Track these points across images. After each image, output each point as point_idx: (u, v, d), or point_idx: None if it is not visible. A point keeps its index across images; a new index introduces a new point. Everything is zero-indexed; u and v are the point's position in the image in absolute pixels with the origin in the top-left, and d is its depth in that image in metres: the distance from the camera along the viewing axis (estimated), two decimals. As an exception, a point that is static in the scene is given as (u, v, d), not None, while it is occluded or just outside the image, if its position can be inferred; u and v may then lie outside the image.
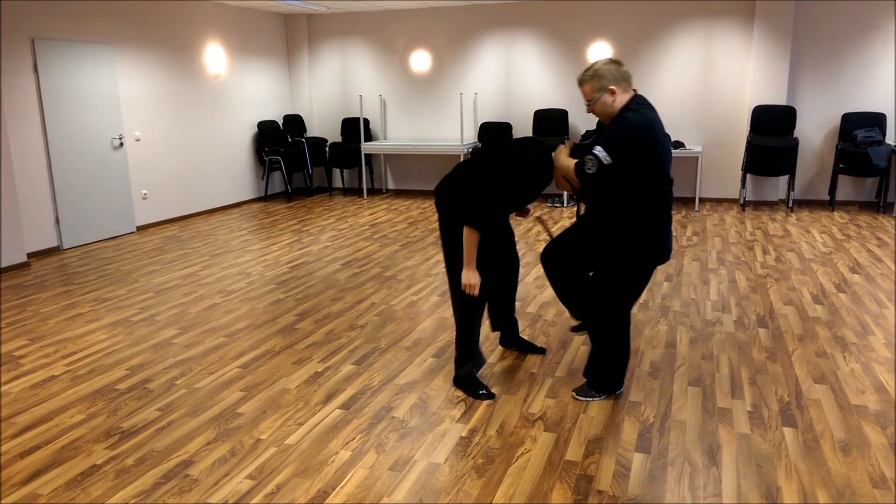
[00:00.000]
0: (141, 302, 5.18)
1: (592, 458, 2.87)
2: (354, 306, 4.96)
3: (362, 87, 10.30)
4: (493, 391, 3.50)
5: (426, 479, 2.75)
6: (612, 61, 3.02)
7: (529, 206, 3.61)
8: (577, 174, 3.00)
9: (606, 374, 3.36)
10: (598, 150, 2.91)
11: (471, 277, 3.25)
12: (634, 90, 3.08)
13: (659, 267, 5.80)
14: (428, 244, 6.86)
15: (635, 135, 2.93)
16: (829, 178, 8.58)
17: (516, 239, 4.54)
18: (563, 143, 3.22)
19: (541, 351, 4.01)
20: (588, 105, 3.07)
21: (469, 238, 3.20)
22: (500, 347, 4.08)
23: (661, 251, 3.13)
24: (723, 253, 6.29)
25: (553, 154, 3.20)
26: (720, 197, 9.10)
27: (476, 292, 3.28)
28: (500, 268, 3.73)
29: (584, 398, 3.39)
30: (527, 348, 4.02)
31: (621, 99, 3.01)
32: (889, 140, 8.22)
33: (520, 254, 6.35)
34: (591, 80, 3.00)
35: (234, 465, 2.88)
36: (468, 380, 3.53)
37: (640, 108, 2.99)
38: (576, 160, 3.04)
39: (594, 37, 9.10)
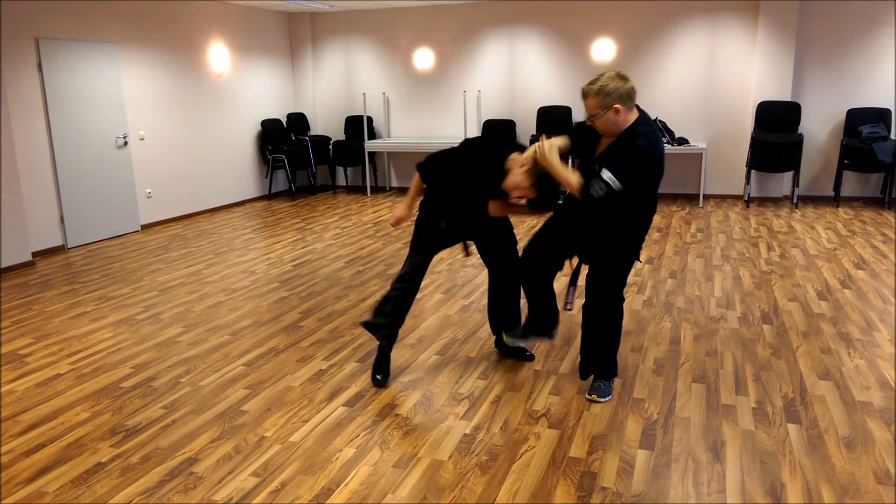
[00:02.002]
0: (145, 300, 5.20)
1: (596, 455, 2.87)
2: (358, 304, 4.97)
3: (366, 85, 10.30)
4: (382, 380, 3.60)
5: (430, 476, 2.75)
6: (619, 76, 2.93)
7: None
8: (583, 195, 2.99)
9: (614, 359, 3.41)
10: (609, 177, 2.89)
11: (397, 209, 3.57)
12: (637, 106, 3.05)
13: (663, 264, 5.79)
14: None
15: (648, 164, 2.95)
16: (833, 173, 8.55)
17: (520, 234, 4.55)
18: (540, 140, 3.18)
19: (529, 358, 3.92)
20: (590, 119, 3.01)
21: (414, 180, 3.53)
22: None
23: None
24: (727, 249, 6.28)
25: (540, 150, 3.12)
26: (724, 193, 9.08)
27: (393, 223, 3.56)
28: (498, 270, 3.74)
29: (602, 398, 3.36)
30: (517, 354, 3.95)
31: (625, 117, 2.96)
32: (894, 135, 8.18)
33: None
34: (597, 96, 2.90)
35: (238, 463, 2.89)
36: (379, 355, 3.67)
37: (649, 133, 2.96)
38: (578, 177, 3.03)
39: (598, 34, 9.08)
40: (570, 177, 3.03)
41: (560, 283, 4.68)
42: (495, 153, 3.34)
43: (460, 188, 3.44)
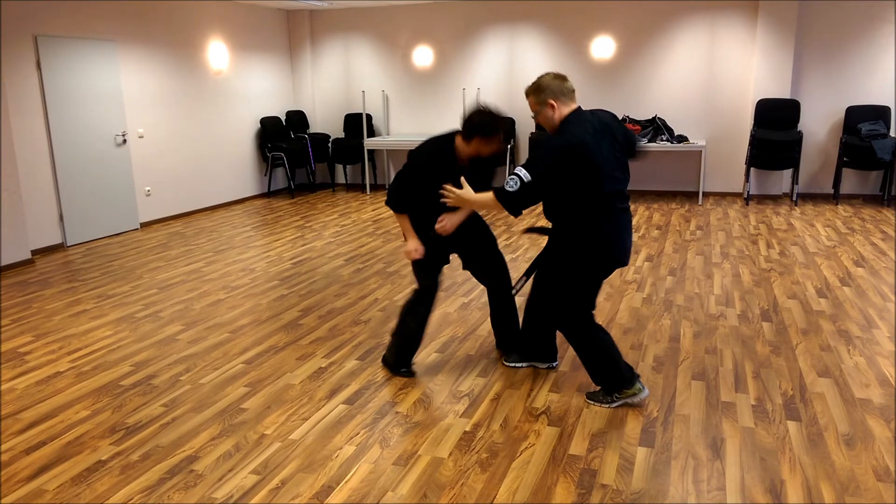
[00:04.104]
0: (145, 298, 5.19)
1: (596, 453, 2.87)
2: (358, 302, 4.97)
3: (365, 82, 10.29)
4: (414, 370, 3.70)
5: (430, 473, 2.76)
6: (557, 76, 3.08)
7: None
8: (499, 196, 3.00)
9: (604, 375, 3.27)
10: (520, 170, 2.96)
11: (409, 245, 3.52)
12: (580, 108, 3.11)
13: (662, 262, 5.79)
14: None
15: (557, 155, 2.97)
16: (833, 171, 8.55)
17: (512, 231, 4.55)
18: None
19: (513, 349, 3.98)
20: (533, 115, 3.17)
21: (397, 217, 3.56)
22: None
23: (611, 253, 3.12)
24: (727, 247, 6.28)
25: (466, 195, 3.19)
26: (724, 191, 9.08)
27: (418, 255, 3.50)
28: (490, 281, 3.76)
29: (592, 402, 3.33)
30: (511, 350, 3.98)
31: (560, 113, 3.06)
32: (893, 133, 8.18)
33: (523, 251, 6.34)
34: (535, 94, 3.09)
35: (238, 461, 2.89)
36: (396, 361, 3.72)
37: (570, 129, 3.01)
38: (493, 189, 3.08)
39: (597, 31, 9.08)
40: (486, 196, 3.15)
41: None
42: (444, 145, 3.43)
43: (432, 197, 3.45)
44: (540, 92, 3.07)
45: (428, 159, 3.45)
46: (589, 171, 2.97)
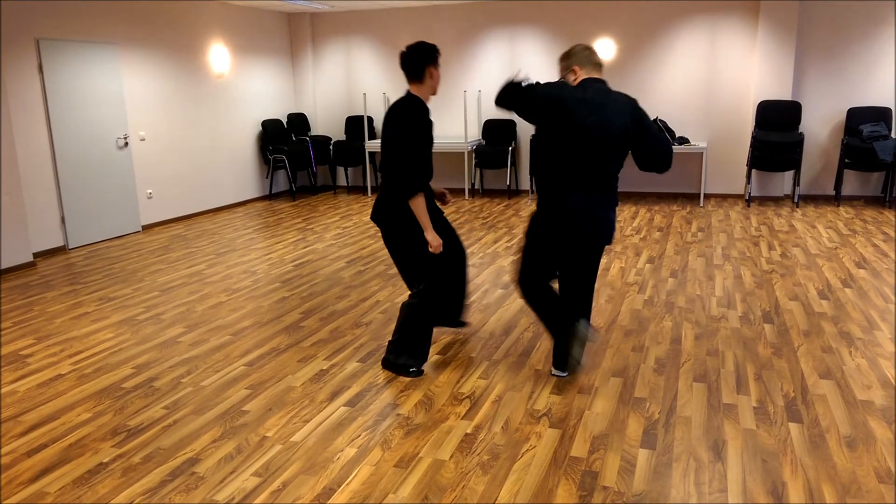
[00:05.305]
0: (147, 301, 5.20)
1: (597, 455, 2.87)
2: (359, 304, 4.97)
3: (366, 85, 10.30)
4: (423, 369, 3.74)
5: (431, 475, 2.75)
6: (586, 48, 3.39)
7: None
8: (504, 89, 3.30)
9: (556, 328, 3.55)
10: (533, 80, 3.27)
11: (434, 238, 3.48)
12: (597, 79, 3.35)
13: (664, 263, 5.79)
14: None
15: (545, 100, 3.25)
16: (834, 172, 8.55)
17: (513, 233, 4.56)
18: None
19: (461, 325, 4.25)
20: (561, 80, 3.44)
21: (416, 206, 3.44)
22: (505, 345, 4.08)
23: (574, 217, 3.31)
24: (728, 248, 6.28)
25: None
26: (725, 192, 9.07)
27: (439, 250, 3.51)
28: (447, 261, 3.86)
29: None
30: (457, 325, 4.26)
31: (579, 78, 3.36)
32: (894, 134, 8.18)
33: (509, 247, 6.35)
34: (564, 60, 3.41)
35: (240, 463, 2.89)
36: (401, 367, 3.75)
37: (574, 86, 3.29)
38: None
39: (598, 33, 9.08)
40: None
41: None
42: (410, 96, 3.49)
43: (420, 151, 3.48)
44: (568, 58, 3.39)
45: (425, 117, 3.48)
46: (559, 124, 3.21)
